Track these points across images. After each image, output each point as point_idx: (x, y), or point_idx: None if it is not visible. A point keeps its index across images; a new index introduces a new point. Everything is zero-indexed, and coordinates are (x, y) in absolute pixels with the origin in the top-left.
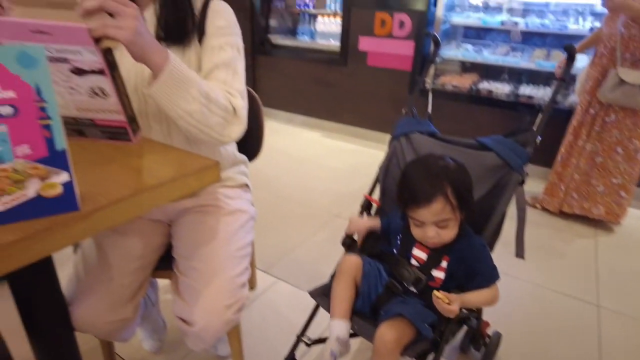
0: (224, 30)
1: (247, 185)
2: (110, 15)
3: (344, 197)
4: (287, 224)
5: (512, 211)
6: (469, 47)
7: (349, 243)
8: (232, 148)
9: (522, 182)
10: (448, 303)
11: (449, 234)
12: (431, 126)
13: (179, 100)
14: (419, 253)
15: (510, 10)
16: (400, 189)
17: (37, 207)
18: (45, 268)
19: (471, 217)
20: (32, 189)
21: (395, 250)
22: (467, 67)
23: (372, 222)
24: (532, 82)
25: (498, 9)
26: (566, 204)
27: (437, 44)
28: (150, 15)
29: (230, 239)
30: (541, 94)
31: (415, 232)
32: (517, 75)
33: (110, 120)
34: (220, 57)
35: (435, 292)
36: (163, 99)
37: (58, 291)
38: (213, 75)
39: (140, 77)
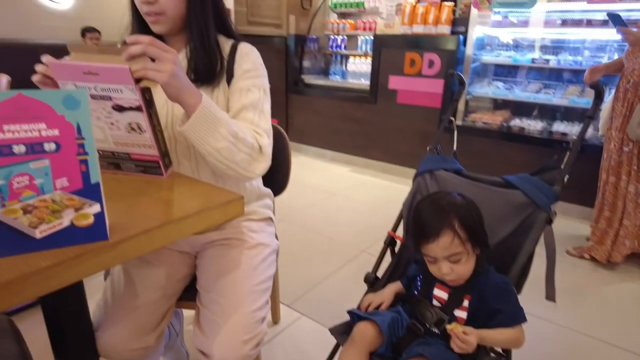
0: (250, 72)
1: (271, 219)
2: (152, 59)
3: (371, 231)
4: (313, 257)
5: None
6: (500, 84)
7: (372, 280)
8: (258, 182)
9: (550, 222)
10: (464, 333)
11: (463, 269)
12: (456, 163)
13: (209, 138)
14: (440, 293)
15: (543, 48)
16: (412, 226)
17: (70, 236)
18: (75, 293)
19: (487, 252)
20: (67, 219)
21: (416, 292)
22: (498, 104)
23: (394, 287)
24: (567, 118)
25: (530, 47)
26: (617, 252)
27: (462, 84)
28: (182, 58)
29: (251, 273)
30: (575, 130)
31: (432, 269)
32: (551, 112)
33: (144, 154)
34: (248, 98)
35: (448, 325)
36: (194, 137)
37: (86, 316)
38: (241, 116)
39: (171, 116)
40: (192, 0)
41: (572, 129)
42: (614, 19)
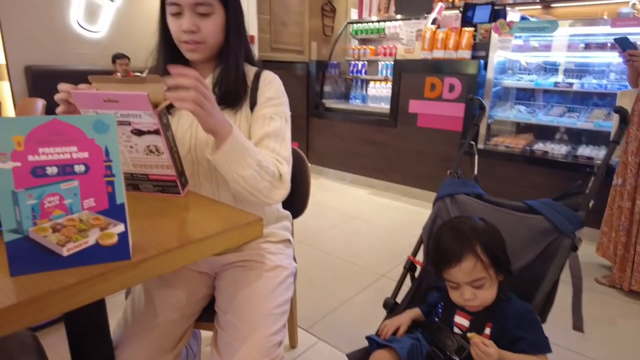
0: (273, 101)
1: (289, 241)
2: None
3: (391, 255)
4: (332, 280)
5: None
6: (522, 108)
7: (391, 306)
8: (277, 204)
9: (575, 248)
10: (483, 343)
11: (486, 294)
12: (477, 187)
13: (236, 166)
14: (461, 320)
15: (567, 71)
16: (433, 252)
17: (95, 254)
18: (98, 311)
19: (510, 278)
20: (92, 238)
21: (436, 319)
22: (521, 128)
23: (412, 313)
24: (592, 142)
25: (553, 70)
26: (634, 281)
27: (482, 108)
28: (208, 83)
29: (269, 296)
30: (602, 154)
31: (453, 295)
32: (576, 136)
33: (162, 175)
34: (270, 126)
35: (469, 333)
36: (223, 165)
37: (107, 334)
38: (264, 143)
39: (194, 140)
40: (230, 30)
41: (598, 153)
42: (623, 43)
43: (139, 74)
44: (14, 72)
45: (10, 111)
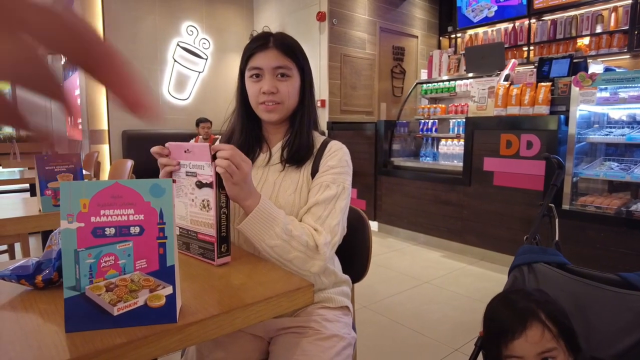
0: (334, 169)
1: (347, 308)
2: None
3: (465, 327)
4: (398, 353)
5: None
6: (614, 164)
7: None
8: (336, 268)
9: None
10: None
11: None
12: (559, 255)
13: (264, 236)
14: None
15: None
16: (488, 331)
17: (143, 315)
18: None
19: (581, 357)
20: (142, 299)
21: None
22: (615, 186)
23: None
24: None
25: None
26: None
27: (561, 167)
28: (279, 145)
29: None
30: None
31: None
32: None
33: (206, 235)
34: (324, 194)
35: None
36: (250, 234)
37: None
38: (312, 210)
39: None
40: (305, 94)
41: None
42: None
43: (219, 136)
44: (113, 137)
45: (107, 170)
